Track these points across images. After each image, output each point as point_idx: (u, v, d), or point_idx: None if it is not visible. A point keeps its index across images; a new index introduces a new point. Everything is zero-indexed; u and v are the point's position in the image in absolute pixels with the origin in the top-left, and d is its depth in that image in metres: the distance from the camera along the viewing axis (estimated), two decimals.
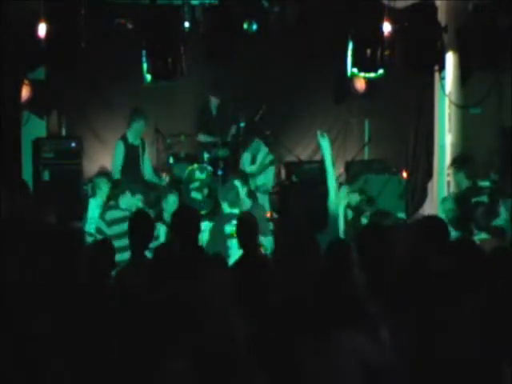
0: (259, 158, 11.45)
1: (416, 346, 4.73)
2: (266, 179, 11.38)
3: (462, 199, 8.56)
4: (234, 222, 7.74)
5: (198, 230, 6.44)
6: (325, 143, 7.34)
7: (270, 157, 11.48)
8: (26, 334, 4.35)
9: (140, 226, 6.34)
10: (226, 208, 8.05)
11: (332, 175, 7.27)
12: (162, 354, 4.34)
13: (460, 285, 4.86)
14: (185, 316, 4.50)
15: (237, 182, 8.36)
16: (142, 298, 4.94)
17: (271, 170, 11.52)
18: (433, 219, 6.21)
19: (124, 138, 10.57)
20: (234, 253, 7.33)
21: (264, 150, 11.50)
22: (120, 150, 10.53)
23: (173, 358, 4.31)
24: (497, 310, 4.79)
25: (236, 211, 7.96)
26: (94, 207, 9.17)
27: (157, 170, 11.19)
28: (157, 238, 7.60)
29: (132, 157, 10.55)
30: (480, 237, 6.84)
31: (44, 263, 5.14)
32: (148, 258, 6.01)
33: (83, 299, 4.80)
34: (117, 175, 10.40)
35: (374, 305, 4.69)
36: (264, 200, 10.84)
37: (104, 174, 10.03)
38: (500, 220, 7.26)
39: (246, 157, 11.50)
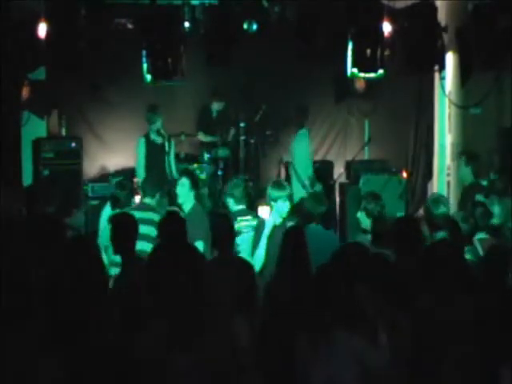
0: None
1: (413, 347, 4.74)
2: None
3: (463, 198, 8.61)
4: (240, 218, 7.73)
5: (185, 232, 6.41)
6: None
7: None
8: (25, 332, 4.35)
9: (124, 226, 6.25)
10: (233, 205, 7.98)
11: None
12: (164, 353, 4.34)
13: (453, 285, 4.87)
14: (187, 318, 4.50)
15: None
16: (141, 299, 4.93)
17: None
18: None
19: (146, 136, 10.47)
20: (243, 249, 7.35)
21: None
22: (142, 147, 10.42)
23: (176, 357, 4.31)
24: (493, 310, 4.78)
25: (242, 207, 7.93)
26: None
27: None
28: None
29: (154, 154, 10.44)
30: (479, 237, 6.85)
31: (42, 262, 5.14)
32: (141, 259, 5.97)
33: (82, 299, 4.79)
34: (140, 173, 10.24)
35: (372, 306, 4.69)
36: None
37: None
38: (495, 218, 7.29)
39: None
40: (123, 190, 8.51)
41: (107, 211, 8.51)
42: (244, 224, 7.71)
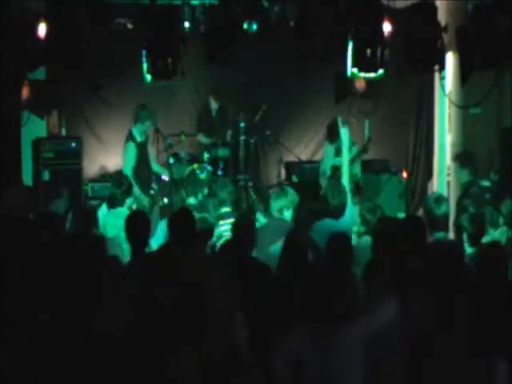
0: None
1: (412, 346, 4.75)
2: (355, 171, 10.58)
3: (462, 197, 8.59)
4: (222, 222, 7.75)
5: (193, 230, 6.43)
6: (344, 130, 8.03)
7: (356, 148, 10.84)
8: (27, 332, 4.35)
9: (137, 225, 6.30)
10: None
11: (347, 157, 7.98)
12: (168, 352, 4.34)
13: (452, 285, 4.88)
14: (190, 316, 4.50)
15: None
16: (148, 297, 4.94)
17: (358, 163, 10.89)
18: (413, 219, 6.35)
19: (133, 139, 10.37)
20: None
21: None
22: (132, 151, 10.32)
23: (179, 356, 4.32)
24: (488, 306, 4.79)
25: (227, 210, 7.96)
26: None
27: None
28: None
29: (142, 155, 10.42)
30: None
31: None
32: (149, 256, 6.01)
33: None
34: (129, 175, 10.03)
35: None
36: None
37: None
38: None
39: (329, 149, 10.97)
40: (120, 187, 8.51)
41: (103, 210, 8.56)
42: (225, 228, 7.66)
